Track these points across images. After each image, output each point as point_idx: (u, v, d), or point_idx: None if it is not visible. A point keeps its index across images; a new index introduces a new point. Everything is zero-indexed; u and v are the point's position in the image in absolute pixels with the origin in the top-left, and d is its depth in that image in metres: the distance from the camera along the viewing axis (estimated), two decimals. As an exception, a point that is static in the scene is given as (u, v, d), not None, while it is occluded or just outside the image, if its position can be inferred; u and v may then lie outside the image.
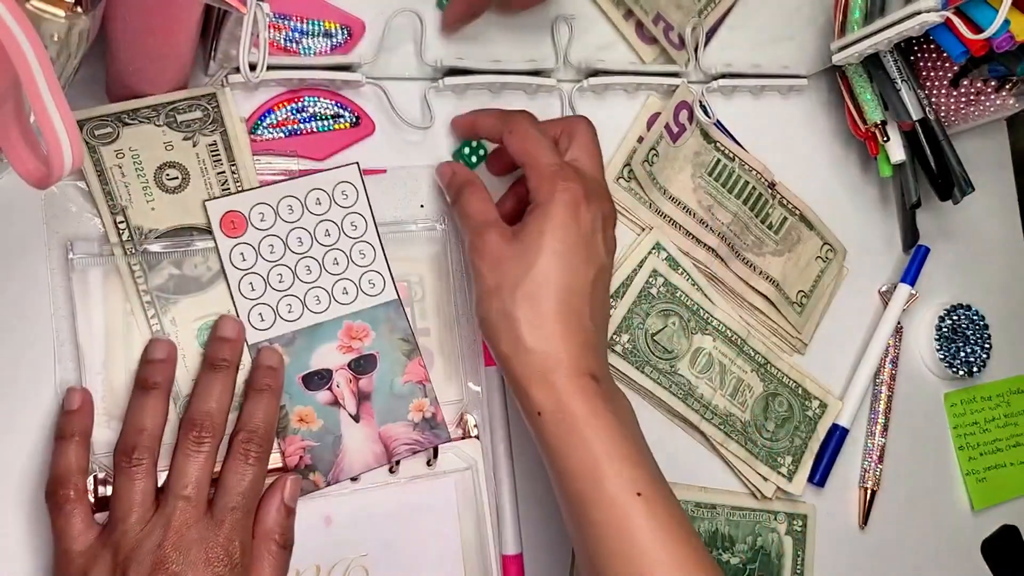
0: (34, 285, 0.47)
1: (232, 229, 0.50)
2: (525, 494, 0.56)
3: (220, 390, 0.47)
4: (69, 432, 0.45)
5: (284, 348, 0.50)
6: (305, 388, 0.51)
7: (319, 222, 0.52)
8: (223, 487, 0.45)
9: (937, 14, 0.57)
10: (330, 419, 0.51)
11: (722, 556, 0.61)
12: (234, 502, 0.44)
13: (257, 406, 0.48)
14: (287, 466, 0.50)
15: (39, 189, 0.34)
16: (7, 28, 0.28)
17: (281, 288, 0.51)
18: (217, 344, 0.48)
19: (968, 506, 0.72)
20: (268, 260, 0.51)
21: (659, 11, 0.61)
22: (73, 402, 0.46)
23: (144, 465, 0.44)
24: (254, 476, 0.45)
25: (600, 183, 0.52)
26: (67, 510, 0.43)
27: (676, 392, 0.60)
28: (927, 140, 0.66)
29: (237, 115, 0.51)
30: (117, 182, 0.48)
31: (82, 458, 0.45)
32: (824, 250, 0.68)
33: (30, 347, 0.47)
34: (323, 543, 0.51)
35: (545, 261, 0.47)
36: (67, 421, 0.45)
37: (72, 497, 0.44)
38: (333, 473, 0.50)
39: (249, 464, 0.45)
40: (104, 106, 0.48)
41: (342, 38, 0.54)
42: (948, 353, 0.71)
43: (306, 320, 0.51)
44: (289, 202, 0.51)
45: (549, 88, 0.59)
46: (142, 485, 0.44)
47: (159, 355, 0.47)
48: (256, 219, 0.50)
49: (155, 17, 0.41)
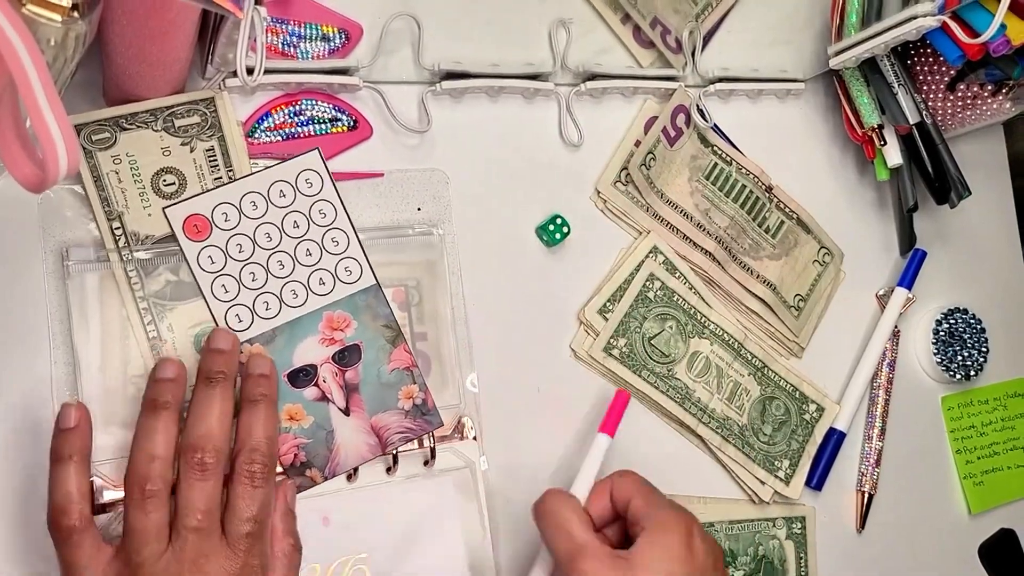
0: (30, 289, 0.47)
1: (196, 233, 0.49)
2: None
3: (219, 409, 0.45)
4: (67, 454, 0.42)
5: (265, 346, 0.50)
6: (291, 386, 0.50)
7: (286, 214, 0.51)
8: (234, 513, 0.43)
9: (934, 18, 0.57)
10: (320, 415, 0.50)
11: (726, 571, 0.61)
12: (248, 528, 0.43)
13: (255, 420, 0.46)
14: (282, 464, 0.49)
15: (34, 193, 0.34)
16: (3, 33, 0.28)
17: (255, 287, 0.50)
18: (211, 357, 0.46)
19: (965, 510, 0.72)
20: (238, 260, 0.50)
21: (656, 15, 0.61)
22: (69, 420, 0.43)
23: (157, 497, 0.42)
24: (263, 497, 0.44)
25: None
26: (74, 540, 0.41)
27: (673, 396, 0.60)
28: (924, 144, 0.66)
29: (235, 119, 0.51)
30: (114, 188, 0.48)
31: (83, 482, 0.42)
32: (821, 254, 0.68)
33: (25, 351, 0.46)
34: (322, 543, 0.50)
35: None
36: (63, 441, 0.43)
37: (78, 527, 0.41)
38: (329, 468, 0.50)
39: (256, 487, 0.44)
40: (102, 110, 0.48)
41: (339, 42, 0.54)
42: (945, 357, 0.71)
43: (285, 315, 0.50)
44: (252, 198, 0.50)
45: (547, 92, 0.59)
46: (156, 517, 0.42)
47: (168, 374, 0.45)
48: (220, 220, 0.49)
49: (152, 21, 0.41)
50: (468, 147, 0.58)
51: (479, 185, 0.58)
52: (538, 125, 0.60)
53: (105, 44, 0.44)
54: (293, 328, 0.51)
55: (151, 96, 0.49)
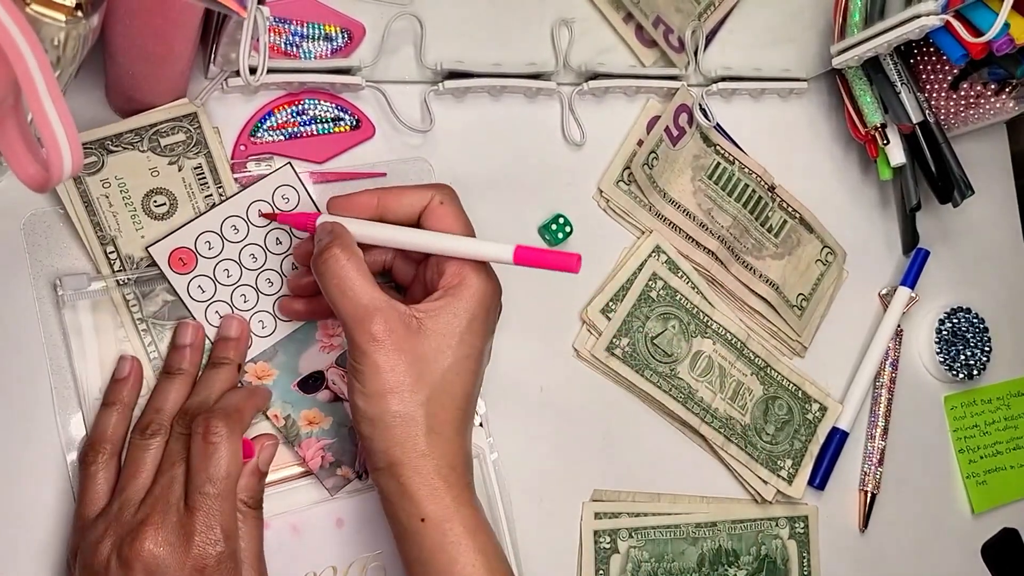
0: (23, 316, 0.47)
1: (182, 266, 0.49)
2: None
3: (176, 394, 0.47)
4: (112, 400, 0.46)
5: (269, 363, 0.50)
6: (303, 393, 0.51)
7: (268, 232, 0.51)
8: (190, 471, 0.43)
9: (937, 17, 0.57)
10: (337, 414, 0.51)
11: (728, 571, 0.61)
12: (209, 487, 0.43)
13: (213, 382, 0.47)
14: (311, 468, 0.50)
15: (39, 193, 0.34)
16: (7, 32, 0.28)
17: (247, 307, 0.50)
18: (175, 353, 0.48)
19: (968, 509, 0.72)
20: (227, 285, 0.50)
21: (659, 14, 0.61)
22: (123, 371, 0.47)
23: (160, 435, 0.45)
24: (224, 455, 0.43)
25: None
26: (92, 471, 0.44)
27: (676, 395, 0.60)
28: (927, 143, 0.66)
29: (218, 138, 0.50)
30: (105, 212, 0.48)
31: (120, 427, 0.46)
32: (824, 253, 0.68)
33: (25, 375, 0.46)
34: (337, 545, 0.51)
35: (459, 364, 0.44)
36: (112, 388, 0.47)
37: (101, 462, 0.44)
38: (359, 462, 0.51)
39: (211, 443, 0.43)
40: (86, 132, 0.47)
41: (342, 41, 0.54)
42: (948, 356, 0.71)
43: (282, 331, 0.51)
44: (232, 222, 0.50)
45: (549, 91, 0.59)
46: (154, 454, 0.45)
47: (187, 340, 0.48)
48: (204, 249, 0.49)
49: (155, 21, 0.41)
50: (470, 147, 0.58)
51: (481, 185, 0.58)
52: (540, 125, 0.60)
53: (108, 44, 0.44)
54: (292, 341, 0.51)
55: (154, 96, 0.49)
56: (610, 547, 0.58)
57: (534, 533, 0.56)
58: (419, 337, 0.43)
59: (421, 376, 0.43)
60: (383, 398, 0.42)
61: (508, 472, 0.56)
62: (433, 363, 0.43)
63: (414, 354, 0.43)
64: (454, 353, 0.43)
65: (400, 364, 0.42)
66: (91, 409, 0.47)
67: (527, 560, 0.55)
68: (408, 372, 0.42)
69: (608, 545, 0.58)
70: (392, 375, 0.42)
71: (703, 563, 0.60)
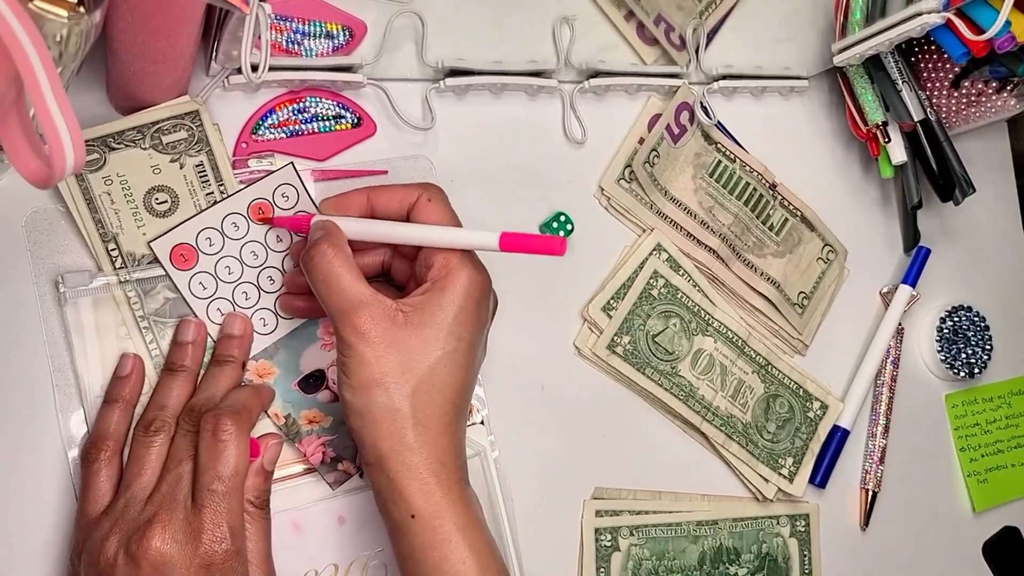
0: (24, 313, 0.47)
1: (183, 262, 0.49)
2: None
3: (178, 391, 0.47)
4: (114, 397, 0.46)
5: (270, 361, 0.50)
6: (304, 393, 0.51)
7: (268, 230, 0.51)
8: (198, 469, 0.43)
9: (938, 15, 0.57)
10: (338, 412, 0.51)
11: (729, 569, 0.61)
12: (213, 485, 0.43)
13: (218, 380, 0.47)
14: (313, 464, 0.50)
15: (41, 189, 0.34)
16: (10, 27, 0.28)
17: (248, 305, 0.50)
18: (177, 350, 0.48)
19: (969, 507, 0.72)
20: (228, 282, 0.50)
21: (660, 12, 0.61)
22: (124, 369, 0.47)
23: (165, 432, 0.45)
24: (233, 453, 0.43)
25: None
26: (94, 469, 0.44)
27: (677, 393, 0.60)
28: (928, 141, 0.66)
29: (219, 135, 0.50)
30: (107, 209, 0.48)
31: (121, 424, 0.46)
32: (825, 251, 0.68)
33: (27, 373, 0.46)
34: (338, 542, 0.51)
35: (447, 357, 0.43)
36: (114, 386, 0.47)
37: (103, 459, 0.44)
38: (360, 458, 0.51)
39: (221, 440, 0.43)
40: (88, 129, 0.47)
41: (343, 39, 0.54)
42: (949, 354, 0.71)
43: (283, 328, 0.51)
44: (233, 219, 0.50)
45: (550, 89, 0.59)
46: (157, 451, 0.45)
47: (189, 336, 0.48)
48: (204, 245, 0.49)
49: (157, 18, 0.41)
50: (471, 144, 0.58)
51: (482, 182, 0.58)
52: (541, 122, 0.60)
53: (110, 40, 0.44)
54: (293, 339, 0.51)
55: (155, 93, 0.49)
56: (611, 545, 0.58)
57: (535, 531, 0.56)
58: (405, 330, 0.43)
59: (407, 368, 0.42)
60: (368, 390, 0.42)
61: (509, 470, 0.56)
62: (420, 355, 0.43)
63: (400, 346, 0.42)
64: (442, 346, 0.43)
65: (385, 356, 0.42)
66: (92, 406, 0.47)
67: (528, 558, 0.55)
68: (394, 364, 0.42)
69: (609, 543, 0.58)
70: (377, 367, 0.42)
71: (704, 561, 0.60)
